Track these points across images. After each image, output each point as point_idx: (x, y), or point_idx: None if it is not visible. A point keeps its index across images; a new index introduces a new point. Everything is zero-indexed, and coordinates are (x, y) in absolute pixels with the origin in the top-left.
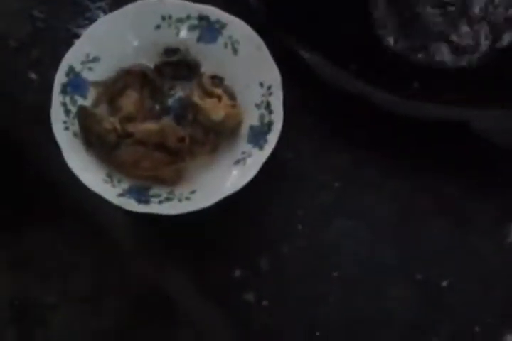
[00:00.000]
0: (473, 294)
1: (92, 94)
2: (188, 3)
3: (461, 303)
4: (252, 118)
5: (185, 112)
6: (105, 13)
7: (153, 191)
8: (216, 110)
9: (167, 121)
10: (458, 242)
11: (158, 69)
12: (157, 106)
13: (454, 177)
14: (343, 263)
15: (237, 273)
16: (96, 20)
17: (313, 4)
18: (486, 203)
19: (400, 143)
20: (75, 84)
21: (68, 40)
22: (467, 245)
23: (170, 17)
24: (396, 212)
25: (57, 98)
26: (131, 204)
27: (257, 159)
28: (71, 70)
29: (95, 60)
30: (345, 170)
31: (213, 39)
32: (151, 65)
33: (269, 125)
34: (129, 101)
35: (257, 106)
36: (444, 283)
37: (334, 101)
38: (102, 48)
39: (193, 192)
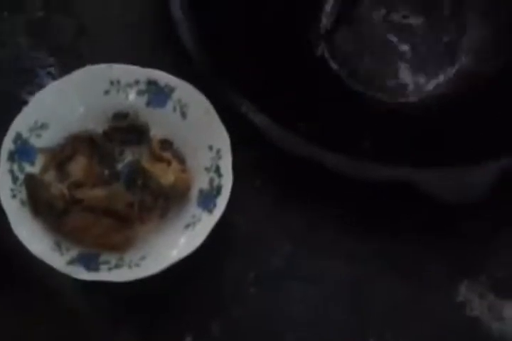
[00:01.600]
0: None
1: (40, 160)
2: (136, 68)
3: None
4: (201, 181)
5: (135, 177)
6: (54, 79)
7: (103, 258)
8: (165, 175)
9: (116, 186)
10: (411, 303)
11: (107, 134)
12: (106, 172)
13: (406, 238)
14: (296, 328)
15: (188, 338)
16: (45, 86)
17: (260, 63)
18: (437, 263)
19: (353, 205)
20: (23, 151)
21: (17, 106)
22: (420, 306)
23: (118, 82)
24: (349, 275)
25: (4, 165)
26: (81, 273)
27: (206, 223)
28: (18, 137)
29: (43, 126)
30: (298, 233)
31: (162, 103)
32: (100, 130)
33: (219, 188)
34: (78, 167)
35: (207, 169)
36: None
37: (285, 164)
38: (49, 115)
39: (142, 258)
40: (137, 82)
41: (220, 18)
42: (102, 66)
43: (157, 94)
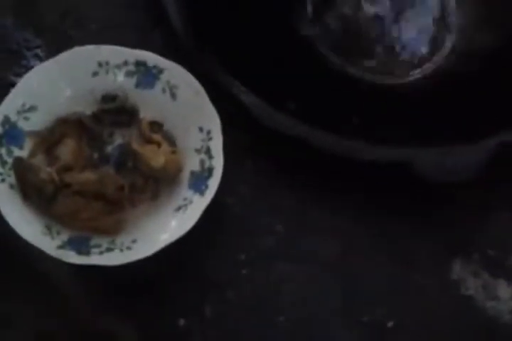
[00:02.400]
0: (419, 334)
1: (28, 144)
2: (124, 48)
3: None
4: (192, 163)
5: (125, 159)
6: (41, 60)
7: (94, 241)
8: (156, 157)
9: (106, 169)
10: (402, 282)
11: (96, 116)
12: (96, 155)
13: (396, 215)
14: (287, 307)
15: (181, 321)
16: (32, 68)
17: (250, 44)
18: (429, 241)
19: (342, 184)
20: (11, 135)
21: (4, 89)
22: (411, 284)
23: (107, 63)
24: (340, 253)
25: None
26: (72, 256)
27: (198, 205)
28: (7, 121)
29: (31, 109)
30: (288, 213)
31: (151, 84)
32: (89, 113)
33: (210, 170)
34: (67, 150)
35: (197, 151)
36: (390, 324)
37: (275, 144)
38: (37, 97)
39: (134, 241)
40: (126, 63)
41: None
42: (90, 47)
43: (146, 76)
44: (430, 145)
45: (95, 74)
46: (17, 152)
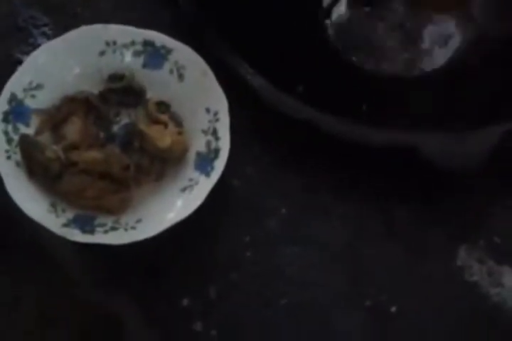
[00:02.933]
0: (423, 319)
1: (35, 122)
2: (132, 28)
3: (410, 329)
4: (198, 144)
5: (131, 139)
6: (49, 39)
7: (99, 220)
8: (162, 137)
9: (112, 148)
10: (407, 267)
11: (103, 95)
12: (102, 134)
13: (403, 202)
14: (291, 290)
15: (185, 301)
16: (39, 46)
17: (260, 26)
18: (435, 227)
19: (349, 169)
20: (18, 112)
21: (11, 66)
22: (416, 270)
23: (114, 43)
24: (345, 238)
25: None
26: (76, 235)
27: (203, 186)
28: (13, 98)
29: (38, 87)
30: (293, 196)
31: (159, 65)
32: (96, 92)
33: (216, 151)
34: (73, 128)
35: (204, 132)
36: (393, 309)
37: (282, 127)
38: (44, 75)
39: (138, 221)
40: (133, 43)
41: None
42: (98, 26)
43: (153, 56)
44: (437, 131)
45: (102, 53)
46: (23, 129)
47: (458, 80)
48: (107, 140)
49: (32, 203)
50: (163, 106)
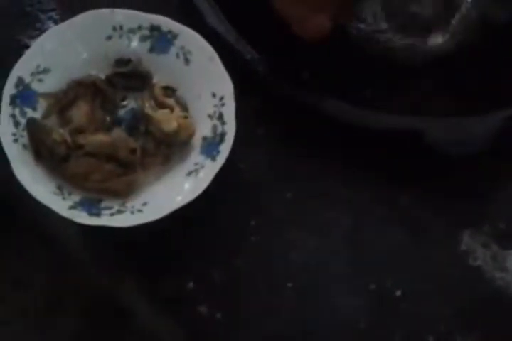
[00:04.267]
0: (427, 303)
1: (42, 105)
2: (139, 13)
3: (414, 313)
4: (204, 129)
5: (137, 123)
6: (56, 23)
7: (105, 203)
8: (168, 121)
9: (118, 132)
10: (412, 251)
11: (110, 80)
12: (108, 118)
13: (407, 187)
14: (296, 274)
15: (191, 285)
16: (46, 30)
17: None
18: (439, 212)
19: (353, 154)
20: (25, 96)
21: (19, 50)
22: (421, 254)
23: (121, 27)
24: (350, 223)
25: (6, 110)
26: (82, 217)
27: (209, 170)
28: (20, 82)
29: (45, 71)
30: (299, 181)
31: (165, 49)
32: (103, 76)
33: (222, 136)
34: (80, 112)
35: (210, 116)
36: (398, 293)
37: (287, 112)
38: (52, 59)
39: (145, 204)
40: (140, 28)
41: None
42: (105, 11)
43: (160, 40)
44: (439, 116)
45: (109, 37)
46: (30, 113)
47: (460, 67)
48: (113, 124)
49: (38, 186)
50: (169, 90)
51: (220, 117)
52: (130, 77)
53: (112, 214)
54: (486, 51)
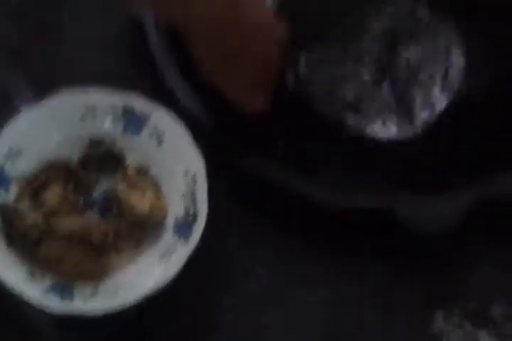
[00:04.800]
0: None
1: (14, 188)
2: (112, 93)
3: None
4: (177, 209)
5: (110, 205)
6: (29, 104)
7: (78, 287)
8: (141, 203)
9: (91, 215)
10: (383, 332)
11: (82, 161)
12: (81, 200)
13: (380, 263)
14: None
15: None
16: (20, 111)
17: None
18: (411, 290)
19: (325, 230)
20: None
21: None
22: (393, 335)
23: (94, 108)
24: (321, 301)
25: None
26: (54, 303)
27: (182, 252)
28: None
29: (18, 153)
30: (271, 259)
31: (138, 130)
32: (76, 157)
33: (195, 215)
34: (53, 195)
35: (183, 196)
36: None
37: (259, 190)
38: (24, 141)
39: (118, 287)
40: (113, 108)
41: None
42: (78, 92)
43: (133, 121)
44: (409, 194)
45: (83, 118)
46: (3, 196)
47: (430, 145)
48: (86, 206)
49: (9, 271)
50: (142, 170)
51: (193, 196)
52: (103, 158)
53: (85, 298)
54: (453, 132)
